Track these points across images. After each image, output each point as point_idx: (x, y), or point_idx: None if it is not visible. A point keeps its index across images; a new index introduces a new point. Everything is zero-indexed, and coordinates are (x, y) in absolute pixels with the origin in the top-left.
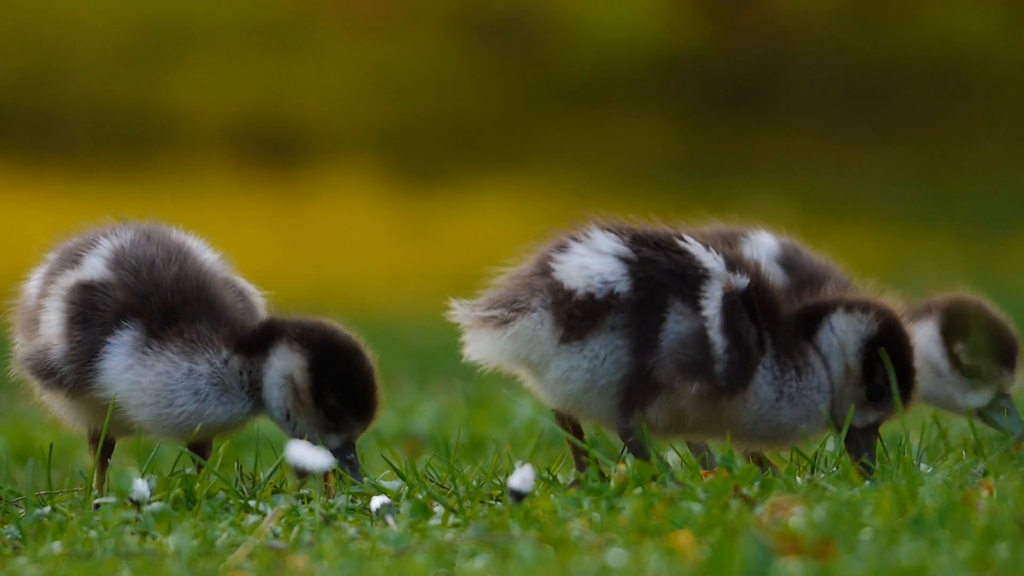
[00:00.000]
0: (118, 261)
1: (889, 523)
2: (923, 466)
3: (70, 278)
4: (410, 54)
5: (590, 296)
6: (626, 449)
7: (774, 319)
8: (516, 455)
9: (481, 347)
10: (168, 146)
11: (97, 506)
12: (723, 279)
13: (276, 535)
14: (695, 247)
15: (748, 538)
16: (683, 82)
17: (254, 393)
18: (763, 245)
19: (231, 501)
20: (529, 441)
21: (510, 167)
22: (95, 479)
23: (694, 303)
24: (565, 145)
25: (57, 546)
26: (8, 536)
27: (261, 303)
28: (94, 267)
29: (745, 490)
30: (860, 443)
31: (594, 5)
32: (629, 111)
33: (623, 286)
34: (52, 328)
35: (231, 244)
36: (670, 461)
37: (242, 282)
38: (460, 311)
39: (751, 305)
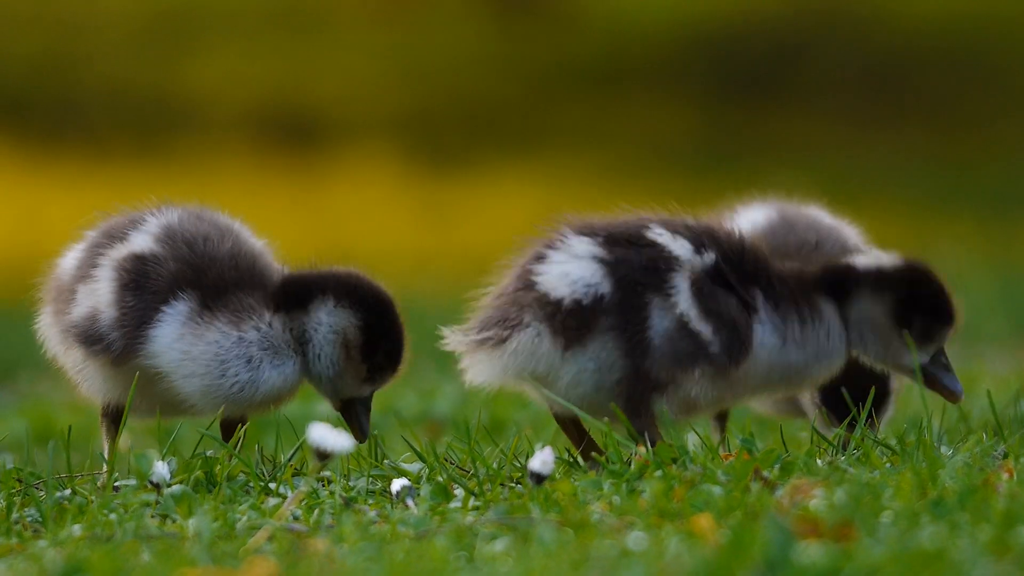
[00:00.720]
0: (169, 237)
1: (909, 506)
2: (943, 448)
3: (121, 251)
4: (429, 37)
5: (577, 303)
6: (649, 445)
7: (762, 276)
8: (537, 438)
9: (481, 370)
10: (187, 130)
11: (117, 488)
12: (687, 266)
13: (296, 518)
14: (663, 236)
15: (768, 521)
16: (702, 65)
17: (299, 350)
18: (750, 216)
19: (251, 483)
20: (550, 424)
21: (529, 150)
22: (105, 448)
23: (667, 298)
24: (584, 128)
25: (77, 529)
26: (29, 519)
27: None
28: (144, 242)
29: (765, 473)
30: (936, 374)
31: None
32: (648, 94)
33: (605, 287)
34: (101, 296)
35: (250, 228)
36: (690, 443)
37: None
38: (453, 338)
39: (724, 276)
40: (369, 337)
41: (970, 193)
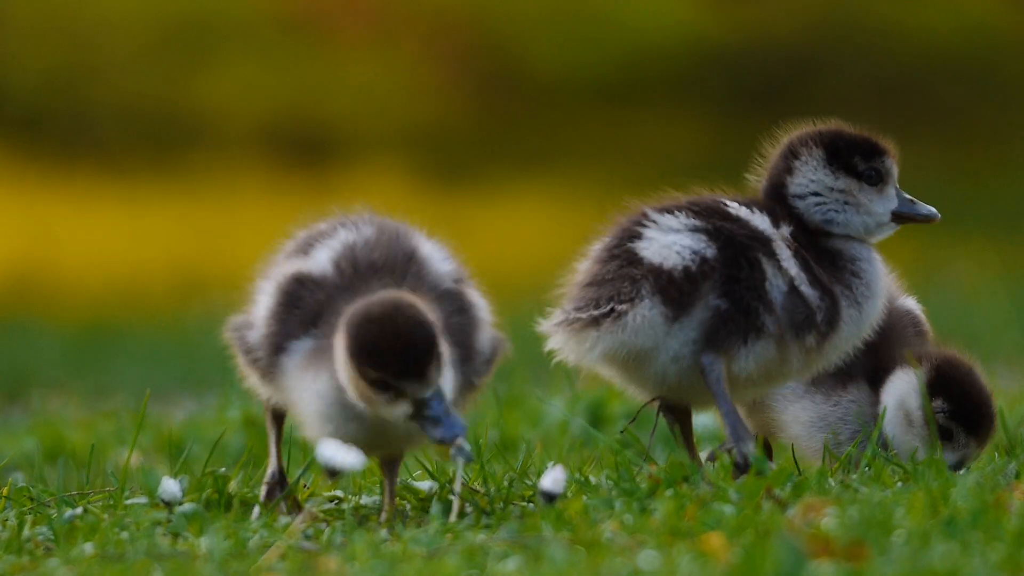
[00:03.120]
0: (341, 260)
1: (921, 525)
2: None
3: (293, 266)
4: (440, 56)
5: (687, 269)
6: (709, 383)
7: (818, 250)
8: (548, 456)
9: (587, 347)
10: (200, 144)
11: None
12: (779, 236)
13: (308, 536)
14: (742, 211)
15: (780, 540)
16: (716, 80)
17: None
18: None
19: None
20: (560, 442)
21: (542, 165)
22: (271, 441)
23: (776, 263)
24: (597, 143)
25: (89, 547)
26: (40, 537)
27: (488, 318)
28: (319, 260)
29: (777, 491)
30: (904, 210)
31: (625, 3)
32: (662, 109)
33: (711, 252)
34: (260, 311)
35: (262, 242)
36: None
37: (474, 295)
38: (555, 321)
39: (806, 248)
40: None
41: (983, 208)
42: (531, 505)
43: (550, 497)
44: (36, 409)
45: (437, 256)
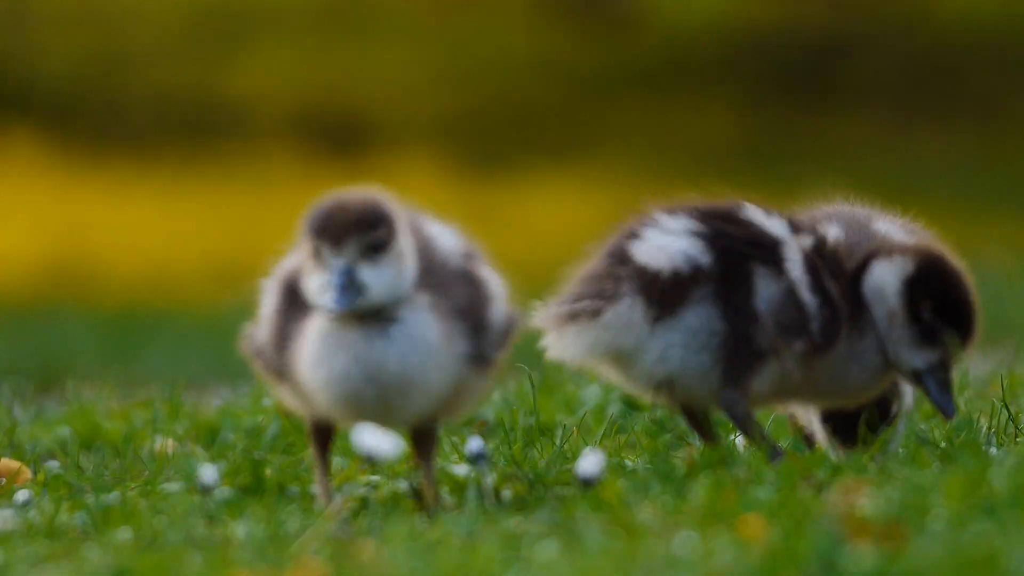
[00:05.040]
0: None
1: (959, 507)
2: (992, 449)
3: (293, 260)
4: (476, 39)
5: (676, 273)
6: (738, 423)
7: (841, 276)
8: (584, 440)
9: (567, 344)
10: (233, 133)
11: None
12: (794, 241)
13: (344, 521)
14: (757, 215)
15: (818, 523)
16: (748, 68)
17: None
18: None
19: (296, 487)
20: (597, 427)
21: (575, 154)
22: (317, 473)
23: (777, 267)
24: (630, 132)
25: (125, 533)
26: (76, 523)
27: (501, 293)
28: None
29: (814, 474)
30: (929, 385)
31: None
32: (694, 97)
33: (706, 259)
34: (265, 309)
35: (296, 231)
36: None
37: (485, 271)
38: (543, 312)
39: (821, 262)
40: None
41: (1019, 195)
42: (568, 489)
43: (587, 481)
44: (70, 398)
45: (445, 233)
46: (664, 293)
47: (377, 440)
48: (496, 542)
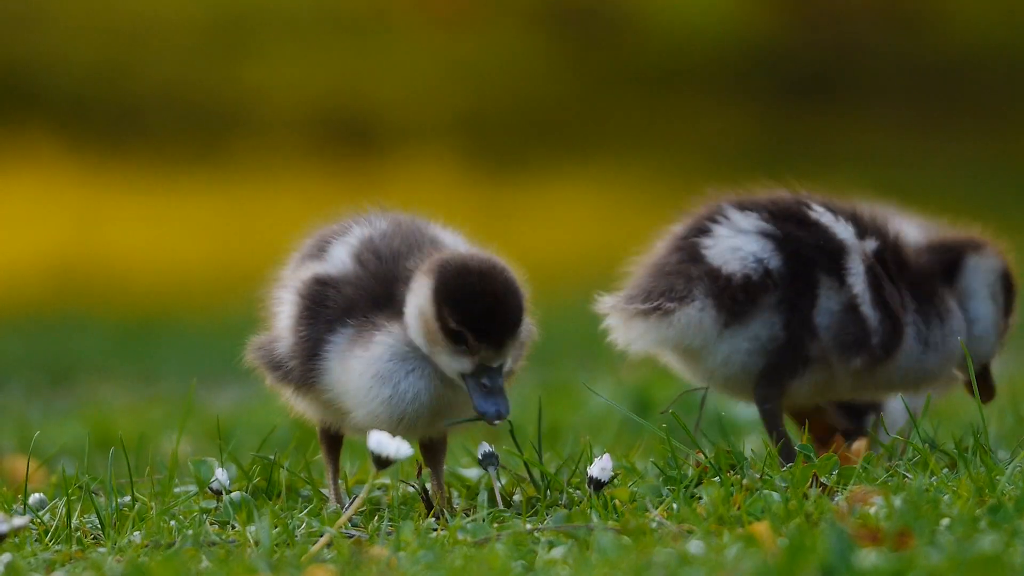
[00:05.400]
0: (361, 253)
1: (968, 512)
2: (1001, 454)
3: (308, 270)
4: (487, 43)
5: (747, 278)
6: (763, 418)
7: (909, 273)
8: (593, 442)
9: (635, 336)
10: (245, 134)
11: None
12: (859, 249)
13: (356, 525)
14: (825, 216)
15: (828, 528)
16: (759, 68)
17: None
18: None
19: (308, 490)
20: (608, 428)
21: (586, 153)
22: (328, 477)
23: (840, 278)
24: (641, 131)
25: (137, 536)
26: (89, 525)
27: None
28: (337, 259)
29: (824, 479)
30: (987, 377)
31: None
32: (704, 97)
33: (775, 263)
34: (283, 321)
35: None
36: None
37: None
38: (609, 304)
39: (886, 267)
40: (438, 303)
41: None
42: (579, 492)
43: (598, 485)
44: (84, 397)
45: (459, 241)
46: (736, 301)
47: (389, 442)
48: (507, 546)
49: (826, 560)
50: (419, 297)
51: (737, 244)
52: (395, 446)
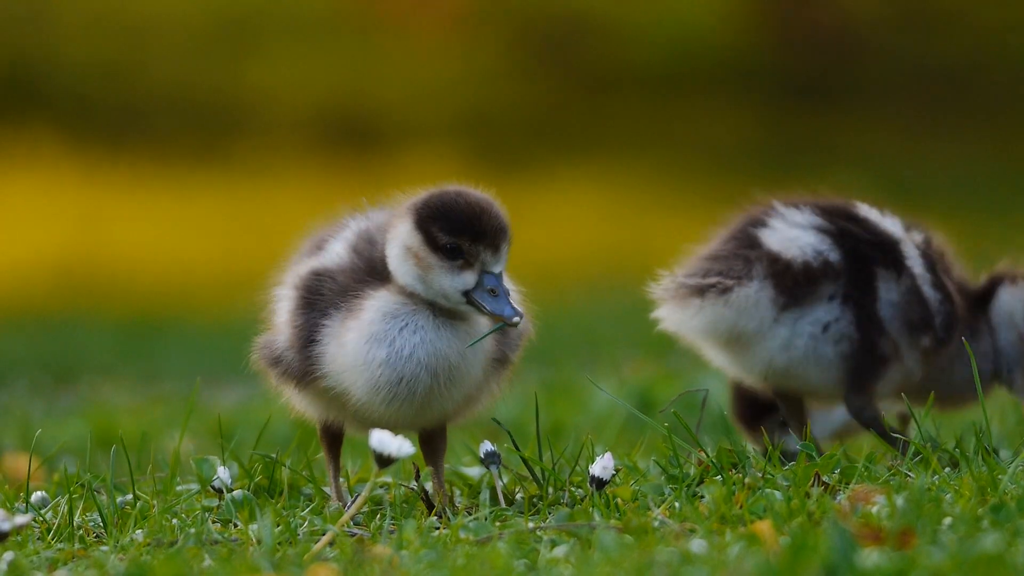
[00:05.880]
0: (357, 244)
1: (970, 511)
2: (1003, 453)
3: (306, 266)
4: (490, 44)
5: (807, 264)
6: (867, 426)
7: (951, 278)
8: (596, 442)
9: (686, 318)
10: (249, 133)
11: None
12: (908, 239)
13: (358, 523)
14: (871, 213)
15: (830, 527)
16: (762, 68)
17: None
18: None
19: (310, 488)
20: (608, 428)
21: (589, 154)
22: (329, 475)
23: (897, 267)
24: (643, 132)
25: (140, 534)
26: (91, 524)
27: (515, 297)
28: (334, 252)
29: (826, 478)
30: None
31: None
32: (707, 98)
33: (834, 256)
34: (282, 316)
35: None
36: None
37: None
38: (662, 283)
39: (931, 258)
40: (424, 229)
41: None
42: (581, 491)
43: (600, 483)
44: (86, 396)
45: None
46: (796, 283)
47: (391, 441)
48: (509, 544)
49: (828, 559)
50: (401, 236)
51: (795, 235)
52: (397, 444)
